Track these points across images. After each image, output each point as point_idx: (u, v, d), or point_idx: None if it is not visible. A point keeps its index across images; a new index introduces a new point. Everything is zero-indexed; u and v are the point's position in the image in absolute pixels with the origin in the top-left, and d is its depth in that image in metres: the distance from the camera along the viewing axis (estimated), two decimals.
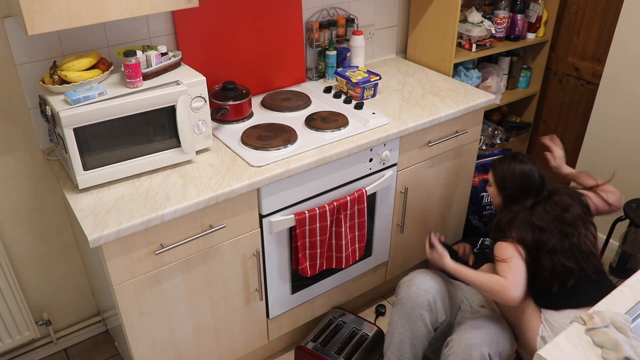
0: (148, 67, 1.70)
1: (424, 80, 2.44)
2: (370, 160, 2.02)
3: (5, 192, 1.90)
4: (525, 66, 2.99)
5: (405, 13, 2.65)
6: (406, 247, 2.39)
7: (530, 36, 2.79)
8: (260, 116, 2.09)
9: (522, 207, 1.85)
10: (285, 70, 2.31)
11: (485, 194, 2.70)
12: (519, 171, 1.88)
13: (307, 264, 1.98)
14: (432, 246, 1.93)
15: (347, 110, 2.12)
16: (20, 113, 1.82)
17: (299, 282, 2.07)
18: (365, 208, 2.03)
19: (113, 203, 1.59)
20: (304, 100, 2.18)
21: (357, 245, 2.09)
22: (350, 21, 2.40)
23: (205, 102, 1.76)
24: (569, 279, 1.76)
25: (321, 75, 2.44)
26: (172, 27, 1.99)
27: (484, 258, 2.30)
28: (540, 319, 1.83)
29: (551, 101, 3.06)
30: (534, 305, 1.86)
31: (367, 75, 2.24)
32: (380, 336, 2.18)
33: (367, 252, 2.24)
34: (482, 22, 2.62)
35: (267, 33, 2.19)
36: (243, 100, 2.01)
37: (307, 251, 1.96)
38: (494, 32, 2.68)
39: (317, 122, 2.01)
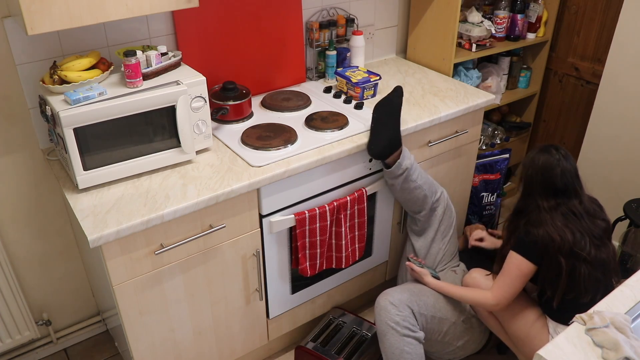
0: (148, 67, 1.70)
1: (424, 80, 2.44)
2: (370, 160, 2.02)
3: (5, 192, 1.90)
4: (525, 66, 2.99)
5: (405, 13, 2.65)
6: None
7: (530, 36, 2.79)
8: (260, 116, 2.09)
9: (545, 206, 1.77)
10: (285, 70, 2.31)
11: (485, 193, 2.70)
12: (542, 162, 1.78)
13: (307, 264, 1.98)
14: (412, 268, 2.07)
15: (347, 110, 2.12)
16: (20, 113, 1.82)
17: (299, 282, 2.07)
18: (365, 208, 2.03)
19: (113, 203, 1.59)
20: (304, 100, 2.18)
21: (357, 245, 2.09)
22: (350, 21, 2.40)
23: (205, 102, 1.76)
24: (597, 293, 1.73)
25: (321, 75, 2.44)
26: (172, 27, 1.99)
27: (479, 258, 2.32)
28: (548, 331, 1.83)
29: (551, 101, 3.06)
30: (542, 318, 1.87)
31: (367, 75, 2.24)
32: None
33: (367, 252, 2.24)
34: (482, 22, 2.61)
35: (267, 33, 2.19)
36: (243, 100, 2.01)
37: (307, 251, 1.96)
38: (494, 32, 2.68)
39: (317, 122, 2.01)
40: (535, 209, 1.78)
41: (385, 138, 1.92)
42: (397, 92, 1.98)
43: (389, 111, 1.94)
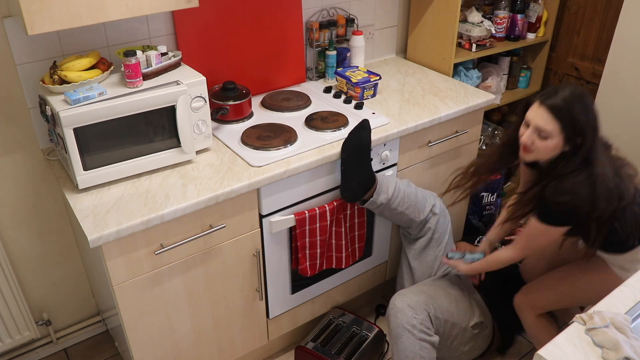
0: (148, 67, 1.70)
1: (424, 80, 2.44)
2: (371, 160, 2.01)
3: (5, 192, 1.90)
4: (525, 66, 2.99)
5: (405, 13, 2.65)
6: None
7: (530, 36, 2.79)
8: (260, 116, 2.09)
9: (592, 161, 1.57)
10: (285, 70, 2.31)
11: (485, 193, 2.70)
12: (593, 108, 1.55)
13: (307, 263, 1.98)
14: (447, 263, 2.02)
15: (347, 110, 2.12)
16: (20, 113, 1.82)
17: (299, 282, 2.07)
18: (365, 208, 2.03)
19: (113, 203, 1.59)
20: (304, 100, 2.18)
21: (357, 245, 2.09)
22: (350, 21, 2.40)
23: (205, 102, 1.76)
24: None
25: (321, 75, 2.44)
26: (172, 27, 1.99)
27: None
28: (613, 271, 1.77)
29: None
30: (598, 262, 1.80)
31: (367, 75, 2.24)
32: (380, 336, 2.18)
33: (367, 252, 2.24)
34: (482, 22, 2.62)
35: (267, 33, 2.19)
36: (243, 100, 2.01)
37: (307, 251, 1.96)
38: (494, 32, 2.68)
39: (317, 122, 2.01)
40: (573, 166, 1.57)
41: (356, 183, 1.87)
42: (366, 130, 1.86)
43: (357, 152, 1.85)
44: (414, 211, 2.01)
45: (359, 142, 1.86)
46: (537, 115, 1.57)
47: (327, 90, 2.29)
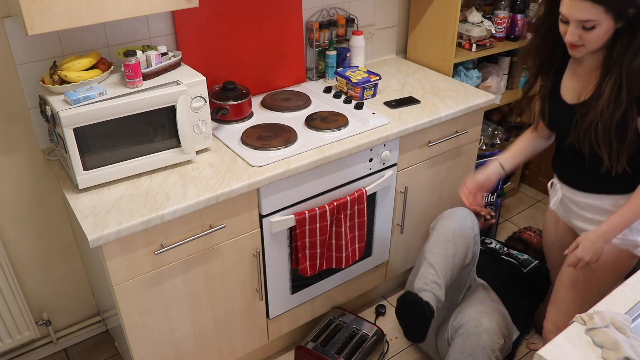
0: (148, 67, 1.70)
1: (424, 80, 2.44)
2: (370, 160, 2.02)
3: (5, 192, 1.90)
4: (525, 66, 2.98)
5: (405, 13, 2.65)
6: (406, 247, 2.39)
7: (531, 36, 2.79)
8: (260, 116, 2.09)
9: None
10: (285, 70, 2.31)
11: (485, 194, 2.69)
12: None
13: (307, 263, 1.98)
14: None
15: (347, 110, 2.12)
16: (20, 113, 1.82)
17: (299, 282, 2.08)
18: (365, 208, 2.02)
19: (113, 203, 1.59)
20: (304, 100, 2.18)
21: (357, 245, 2.09)
22: (350, 21, 2.40)
23: (205, 102, 1.76)
24: None
25: (321, 75, 2.44)
26: (172, 27, 1.99)
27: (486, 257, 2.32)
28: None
29: None
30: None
31: (367, 75, 2.24)
32: (380, 336, 2.18)
33: (367, 252, 2.24)
34: (482, 22, 2.61)
35: (267, 33, 2.19)
36: (243, 100, 2.01)
37: (307, 251, 1.96)
38: (494, 32, 2.68)
39: (317, 122, 2.01)
40: None
41: (421, 332, 1.74)
42: (426, 310, 1.69)
43: (416, 324, 1.73)
44: (464, 260, 1.85)
45: (415, 319, 1.73)
46: (574, 8, 1.38)
47: (327, 90, 2.29)
